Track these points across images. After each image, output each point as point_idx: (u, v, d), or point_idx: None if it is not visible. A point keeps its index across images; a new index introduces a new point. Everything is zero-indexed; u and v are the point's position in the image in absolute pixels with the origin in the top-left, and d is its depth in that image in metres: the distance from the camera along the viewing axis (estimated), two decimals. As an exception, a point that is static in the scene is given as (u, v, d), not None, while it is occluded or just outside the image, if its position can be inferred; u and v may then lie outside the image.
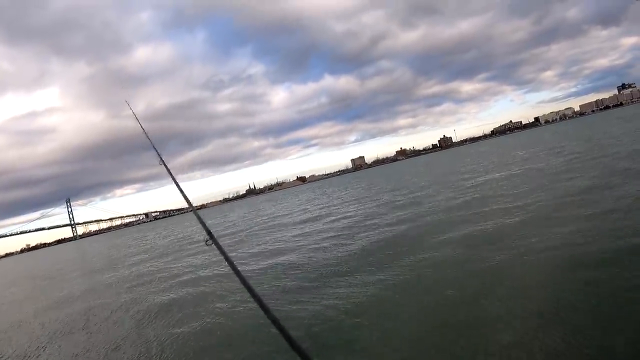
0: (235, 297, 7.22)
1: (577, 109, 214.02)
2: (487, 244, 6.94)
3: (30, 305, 12.34)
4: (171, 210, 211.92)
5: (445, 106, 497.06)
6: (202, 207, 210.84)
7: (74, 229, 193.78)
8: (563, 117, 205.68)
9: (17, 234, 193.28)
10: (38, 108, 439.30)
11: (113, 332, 7.02)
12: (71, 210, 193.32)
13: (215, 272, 10.22)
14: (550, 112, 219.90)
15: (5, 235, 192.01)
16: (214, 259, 11.65)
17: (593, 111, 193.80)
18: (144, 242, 32.63)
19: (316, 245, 10.72)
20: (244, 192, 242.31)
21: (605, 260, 4.93)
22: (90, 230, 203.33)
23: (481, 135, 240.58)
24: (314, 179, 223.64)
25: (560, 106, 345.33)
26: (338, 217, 16.11)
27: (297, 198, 45.55)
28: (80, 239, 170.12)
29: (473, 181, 17.35)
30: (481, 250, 6.65)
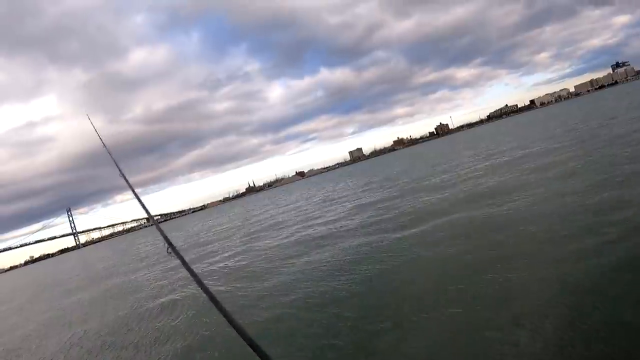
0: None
1: (572, 89, 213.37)
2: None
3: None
4: (172, 213, 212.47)
5: (441, 93, 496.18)
6: (203, 207, 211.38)
7: (76, 237, 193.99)
8: (558, 98, 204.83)
9: (18, 247, 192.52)
10: (35, 118, 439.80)
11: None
12: (72, 220, 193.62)
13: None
14: (546, 94, 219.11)
15: (8, 249, 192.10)
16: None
17: (588, 91, 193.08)
18: (142, 248, 32.70)
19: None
20: (244, 190, 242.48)
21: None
22: (93, 238, 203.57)
23: (477, 120, 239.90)
24: (312, 173, 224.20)
25: (556, 87, 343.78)
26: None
27: (291, 195, 45.77)
28: (84, 247, 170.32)
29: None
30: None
